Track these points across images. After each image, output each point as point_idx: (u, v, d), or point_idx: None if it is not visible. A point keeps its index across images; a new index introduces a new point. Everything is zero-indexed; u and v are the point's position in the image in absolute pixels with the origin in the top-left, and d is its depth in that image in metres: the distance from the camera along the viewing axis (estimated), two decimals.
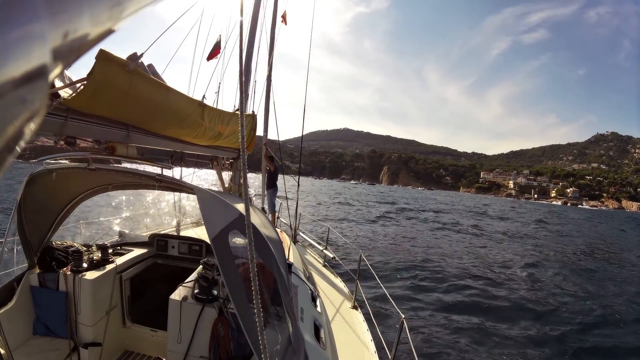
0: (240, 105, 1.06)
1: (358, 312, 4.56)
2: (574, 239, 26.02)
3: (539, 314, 8.56)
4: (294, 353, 1.91)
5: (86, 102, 1.60)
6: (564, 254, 17.92)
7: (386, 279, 9.97)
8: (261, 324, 1.05)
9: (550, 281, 11.81)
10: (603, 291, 11.15)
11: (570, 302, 9.67)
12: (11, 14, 0.19)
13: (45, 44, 0.22)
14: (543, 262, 14.97)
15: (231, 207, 1.98)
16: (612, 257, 18.67)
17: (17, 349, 2.71)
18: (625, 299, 10.34)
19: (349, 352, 3.38)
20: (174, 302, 2.58)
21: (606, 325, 8.26)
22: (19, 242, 2.87)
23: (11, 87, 0.20)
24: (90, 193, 3.27)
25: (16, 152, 0.23)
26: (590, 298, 10.17)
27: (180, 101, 2.24)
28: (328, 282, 5.58)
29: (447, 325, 7.38)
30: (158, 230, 5.05)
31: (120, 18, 0.27)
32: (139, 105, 1.91)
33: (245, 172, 1.12)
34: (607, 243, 25.06)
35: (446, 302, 8.86)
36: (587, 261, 16.39)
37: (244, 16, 1.12)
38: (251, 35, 4.65)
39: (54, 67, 0.23)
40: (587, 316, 8.63)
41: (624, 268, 15.45)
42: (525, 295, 9.89)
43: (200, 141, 2.77)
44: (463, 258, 14.37)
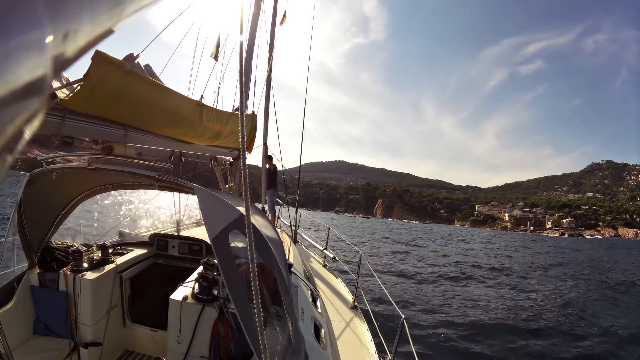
0: (240, 105, 1.06)
1: (358, 312, 4.55)
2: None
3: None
4: (294, 353, 1.91)
5: (83, 103, 1.61)
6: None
7: (386, 279, 9.97)
8: (261, 324, 1.05)
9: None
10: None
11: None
12: (12, 15, 0.19)
13: (45, 45, 0.22)
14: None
15: (231, 207, 1.98)
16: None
17: (17, 349, 2.71)
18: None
19: (349, 352, 3.38)
20: (174, 302, 2.58)
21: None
22: (19, 242, 2.87)
23: (12, 87, 0.20)
24: (90, 193, 3.27)
25: (16, 152, 0.23)
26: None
27: (178, 101, 2.24)
28: (328, 282, 5.58)
29: (447, 325, 7.39)
30: (158, 230, 5.05)
31: (120, 18, 0.27)
32: (136, 105, 1.91)
33: (246, 172, 1.11)
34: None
35: (446, 301, 8.86)
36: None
37: (243, 16, 1.12)
38: (251, 35, 4.65)
39: (54, 67, 0.23)
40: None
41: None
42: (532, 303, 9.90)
43: (199, 141, 2.77)
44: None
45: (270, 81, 6.97)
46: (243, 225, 1.11)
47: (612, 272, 19.56)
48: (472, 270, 14.15)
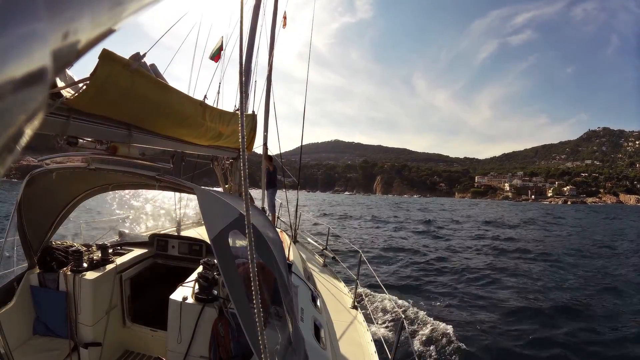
0: (240, 105, 1.06)
1: (358, 312, 4.55)
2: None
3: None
4: (294, 353, 1.91)
5: (88, 102, 1.60)
6: None
7: (386, 279, 9.98)
8: (261, 324, 1.05)
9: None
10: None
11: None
12: (11, 14, 0.19)
13: (45, 45, 0.22)
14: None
15: (231, 207, 1.98)
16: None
17: (17, 349, 2.71)
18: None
19: (349, 352, 3.38)
20: (174, 302, 2.58)
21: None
22: (19, 242, 2.87)
23: (11, 87, 0.20)
24: (90, 193, 3.27)
25: (17, 152, 0.23)
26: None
27: (182, 101, 2.24)
28: (328, 282, 5.58)
29: (448, 325, 7.38)
30: (158, 230, 5.05)
31: (120, 18, 0.27)
32: (141, 105, 1.91)
33: (246, 172, 1.11)
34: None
35: (447, 301, 8.86)
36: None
37: (244, 16, 1.12)
38: (251, 35, 4.65)
39: (54, 67, 0.23)
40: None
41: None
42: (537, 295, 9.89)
43: (201, 141, 2.77)
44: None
45: (270, 81, 6.98)
46: (243, 225, 1.11)
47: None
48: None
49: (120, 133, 1.96)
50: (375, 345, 3.66)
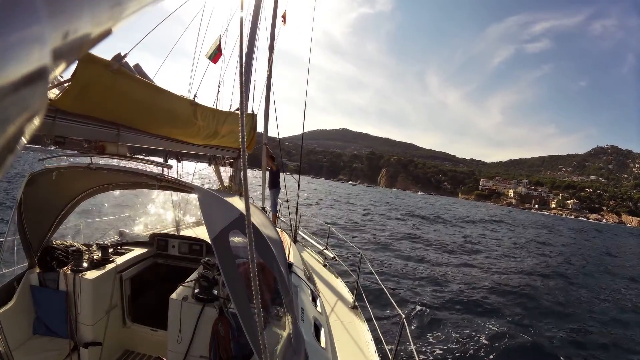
0: (240, 105, 1.06)
1: (358, 312, 4.56)
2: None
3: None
4: (294, 353, 1.91)
5: (72, 102, 1.61)
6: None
7: (386, 279, 9.98)
8: (261, 324, 1.05)
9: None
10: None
11: None
12: (11, 14, 0.19)
13: (45, 45, 0.22)
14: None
15: (232, 206, 1.98)
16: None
17: (17, 349, 2.71)
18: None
19: (349, 352, 3.38)
20: (174, 301, 2.58)
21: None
22: (19, 241, 2.87)
23: (12, 87, 0.20)
24: (91, 192, 3.27)
25: (17, 152, 0.23)
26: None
27: (171, 100, 2.24)
28: (328, 282, 5.58)
29: (448, 325, 7.38)
30: (158, 230, 5.05)
31: (120, 18, 0.27)
32: (127, 104, 1.92)
33: (246, 172, 1.12)
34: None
35: (446, 302, 8.86)
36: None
37: (244, 16, 1.12)
38: (251, 35, 4.64)
39: (54, 67, 0.23)
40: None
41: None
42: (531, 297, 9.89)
43: (195, 140, 2.76)
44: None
45: (270, 81, 6.97)
46: (243, 224, 1.11)
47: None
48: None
49: (108, 132, 1.95)
50: (375, 345, 3.66)
